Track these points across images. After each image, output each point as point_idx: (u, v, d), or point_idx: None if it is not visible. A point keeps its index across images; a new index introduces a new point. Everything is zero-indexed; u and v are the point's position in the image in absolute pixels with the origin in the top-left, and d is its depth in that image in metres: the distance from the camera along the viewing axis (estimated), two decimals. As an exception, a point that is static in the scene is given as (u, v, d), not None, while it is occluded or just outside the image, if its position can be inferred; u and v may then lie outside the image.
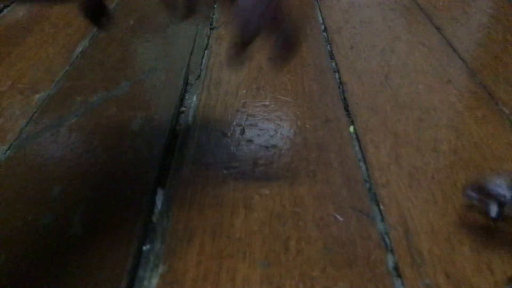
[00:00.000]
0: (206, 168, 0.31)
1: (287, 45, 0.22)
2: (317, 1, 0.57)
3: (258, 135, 0.34)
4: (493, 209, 0.23)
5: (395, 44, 0.47)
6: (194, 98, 0.39)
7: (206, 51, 0.46)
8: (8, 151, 0.32)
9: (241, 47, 0.22)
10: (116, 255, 0.24)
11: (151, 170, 0.30)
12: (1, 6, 0.54)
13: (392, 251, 0.25)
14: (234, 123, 0.35)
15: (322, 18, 0.53)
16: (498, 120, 0.36)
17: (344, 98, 0.39)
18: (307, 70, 0.43)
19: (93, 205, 0.27)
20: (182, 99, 0.38)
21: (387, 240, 0.26)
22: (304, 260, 0.24)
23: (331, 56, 0.45)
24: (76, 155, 0.31)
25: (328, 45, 0.47)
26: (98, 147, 0.32)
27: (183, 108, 0.37)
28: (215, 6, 0.56)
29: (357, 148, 0.33)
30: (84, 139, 0.33)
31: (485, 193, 0.24)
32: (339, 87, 0.40)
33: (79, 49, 0.45)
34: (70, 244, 0.25)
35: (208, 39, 0.48)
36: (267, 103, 0.38)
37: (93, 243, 0.25)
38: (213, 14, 0.54)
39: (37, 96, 0.38)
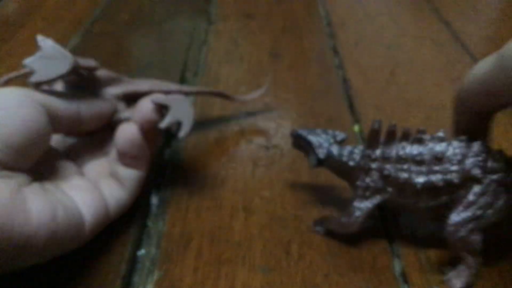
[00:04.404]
0: (203, 169, 0.30)
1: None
2: (320, -4, 0.56)
3: (259, 134, 0.33)
4: (312, 159, 0.25)
5: (401, 40, 0.46)
6: (192, 95, 0.38)
7: (204, 47, 0.45)
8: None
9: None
10: (109, 260, 0.23)
11: (146, 170, 0.29)
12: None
13: (399, 256, 0.24)
14: (233, 122, 0.35)
15: (326, 12, 0.52)
16: (508, 118, 0.35)
17: (348, 96, 0.38)
18: (310, 66, 0.42)
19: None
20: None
21: (394, 244, 0.25)
22: (307, 265, 0.23)
23: (335, 52, 0.44)
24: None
25: (332, 41, 0.46)
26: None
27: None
28: None
29: (362, 147, 0.32)
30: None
31: (306, 141, 0.25)
32: (343, 84, 0.39)
33: (71, 44, 0.45)
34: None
35: (206, 34, 0.48)
36: (267, 100, 0.37)
37: (86, 248, 0.24)
38: (212, 8, 0.53)
39: (31, 93, 0.37)
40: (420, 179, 0.22)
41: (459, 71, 0.41)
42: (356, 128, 0.34)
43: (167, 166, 0.30)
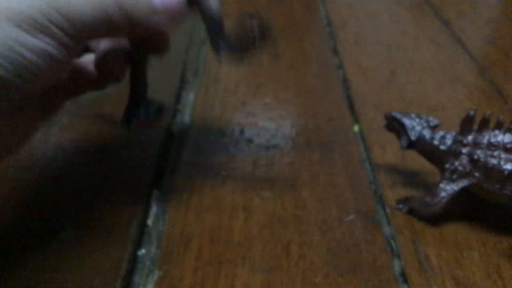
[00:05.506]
0: (203, 169, 0.30)
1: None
2: (320, -4, 0.56)
3: (258, 134, 0.33)
4: (404, 140, 0.26)
5: (401, 40, 0.46)
6: (191, 96, 0.38)
7: (204, 47, 0.45)
8: None
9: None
10: (109, 259, 0.23)
11: (146, 171, 0.29)
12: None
13: (398, 256, 0.24)
14: (233, 122, 0.34)
15: (326, 12, 0.52)
16: (508, 118, 0.35)
17: (348, 96, 0.38)
18: (310, 66, 0.42)
19: (86, 207, 0.27)
20: (178, 97, 0.37)
21: (393, 244, 0.25)
22: (307, 265, 0.23)
23: (335, 52, 0.44)
24: (67, 156, 0.31)
25: (332, 41, 0.46)
26: (91, 147, 0.31)
27: (179, 107, 0.36)
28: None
29: (362, 148, 0.32)
30: (76, 140, 0.32)
31: (400, 123, 0.27)
32: (343, 84, 0.39)
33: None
34: (62, 247, 0.24)
35: (206, 34, 0.47)
36: (267, 101, 0.37)
37: (86, 247, 0.24)
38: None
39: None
40: (508, 166, 0.23)
41: (459, 71, 0.41)
42: (356, 128, 0.34)
43: (167, 166, 0.30)
